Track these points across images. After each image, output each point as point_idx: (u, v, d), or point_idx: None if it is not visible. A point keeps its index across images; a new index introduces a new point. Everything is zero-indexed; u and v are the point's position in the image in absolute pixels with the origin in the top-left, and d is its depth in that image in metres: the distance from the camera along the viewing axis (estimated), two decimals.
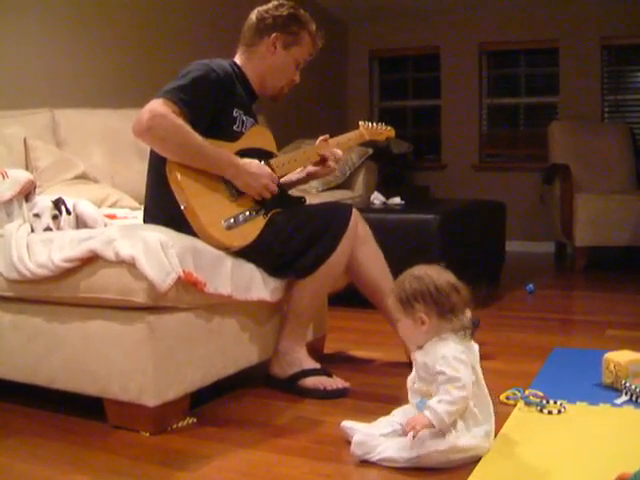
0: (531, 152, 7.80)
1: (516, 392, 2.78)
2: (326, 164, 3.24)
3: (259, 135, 3.08)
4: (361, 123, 3.55)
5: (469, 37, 7.82)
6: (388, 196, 5.47)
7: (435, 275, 2.26)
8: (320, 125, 7.28)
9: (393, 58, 8.47)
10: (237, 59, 3.08)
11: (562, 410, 2.61)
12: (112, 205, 3.89)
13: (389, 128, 3.67)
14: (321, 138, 3.28)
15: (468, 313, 2.27)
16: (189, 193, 2.71)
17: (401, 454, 2.17)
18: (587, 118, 7.33)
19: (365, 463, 2.23)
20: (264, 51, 3.04)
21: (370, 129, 3.55)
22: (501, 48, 7.88)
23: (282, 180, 3.12)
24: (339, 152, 3.27)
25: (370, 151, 6.39)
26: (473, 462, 2.18)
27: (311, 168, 3.28)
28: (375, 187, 6.29)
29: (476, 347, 2.29)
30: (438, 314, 2.22)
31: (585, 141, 6.85)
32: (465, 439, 2.17)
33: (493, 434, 2.27)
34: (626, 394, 2.74)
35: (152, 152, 2.85)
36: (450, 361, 2.17)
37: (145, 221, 2.95)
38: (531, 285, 5.10)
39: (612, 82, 7.55)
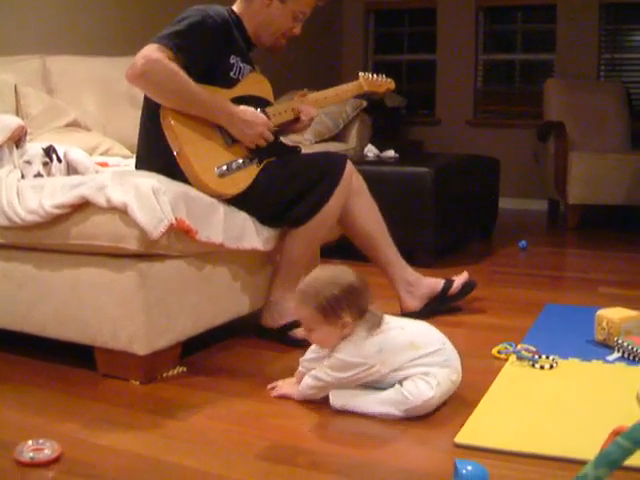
0: (526, 109, 7.75)
1: (508, 346, 2.78)
2: (300, 120, 3.13)
3: (256, 83, 3.03)
4: (361, 74, 3.44)
5: None
6: (381, 149, 5.44)
7: (347, 276, 2.27)
8: (314, 76, 7.24)
9: (389, 11, 8.37)
10: (235, 7, 3.01)
11: (554, 365, 2.61)
12: (104, 153, 3.85)
13: (389, 80, 3.55)
14: (299, 93, 3.19)
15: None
16: (182, 139, 2.68)
17: (389, 410, 2.20)
18: (583, 76, 7.28)
19: (352, 413, 2.24)
20: (259, 3, 2.96)
21: (370, 80, 3.45)
22: (498, 4, 7.81)
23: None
24: (314, 111, 3.15)
25: (364, 103, 6.34)
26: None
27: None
28: (369, 140, 6.26)
29: (387, 318, 2.31)
30: (359, 314, 2.24)
31: (580, 99, 6.81)
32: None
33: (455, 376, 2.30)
34: (618, 351, 2.74)
35: (146, 98, 2.82)
36: (336, 361, 2.24)
37: (137, 169, 2.91)
38: (524, 242, 5.09)
39: (609, 40, 7.49)
